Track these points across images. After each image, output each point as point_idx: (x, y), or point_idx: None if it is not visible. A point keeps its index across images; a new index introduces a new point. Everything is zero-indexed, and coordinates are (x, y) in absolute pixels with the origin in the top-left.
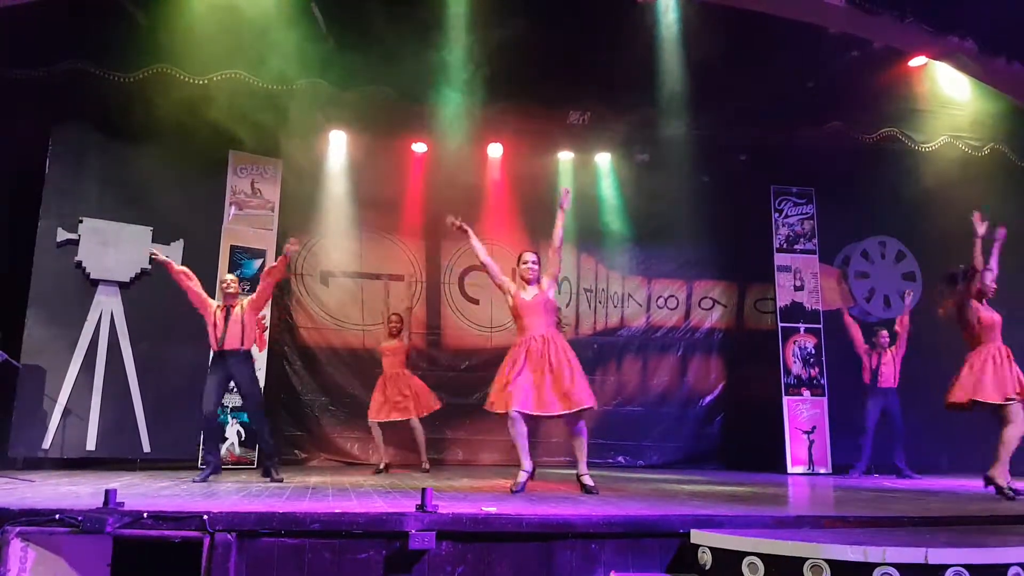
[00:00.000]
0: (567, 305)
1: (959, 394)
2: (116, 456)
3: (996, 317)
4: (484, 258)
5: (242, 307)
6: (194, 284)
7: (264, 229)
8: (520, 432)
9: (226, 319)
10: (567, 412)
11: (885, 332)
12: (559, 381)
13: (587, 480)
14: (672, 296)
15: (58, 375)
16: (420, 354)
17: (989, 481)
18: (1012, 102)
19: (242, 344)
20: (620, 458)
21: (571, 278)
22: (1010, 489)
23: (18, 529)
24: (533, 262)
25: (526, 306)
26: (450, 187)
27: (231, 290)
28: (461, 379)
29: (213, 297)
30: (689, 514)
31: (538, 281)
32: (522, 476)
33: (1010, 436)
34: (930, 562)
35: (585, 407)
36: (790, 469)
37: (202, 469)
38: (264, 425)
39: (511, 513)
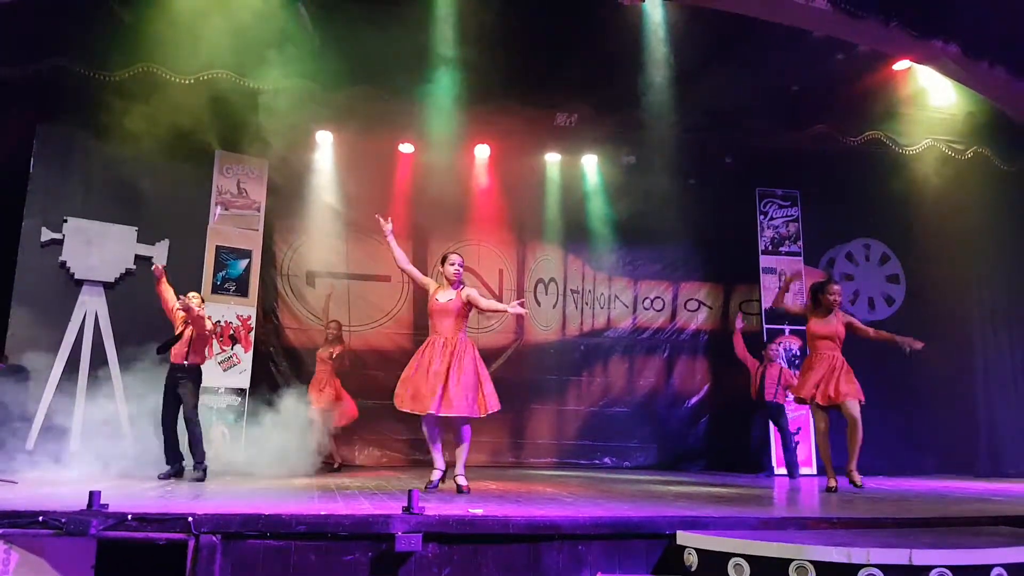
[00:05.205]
0: (554, 306)
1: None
2: (100, 457)
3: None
4: (405, 265)
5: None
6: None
7: (250, 229)
8: (431, 434)
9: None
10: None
11: None
12: (454, 383)
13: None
14: (658, 297)
15: (41, 375)
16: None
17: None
18: (994, 106)
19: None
20: (606, 459)
21: (558, 279)
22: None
23: (0, 531)
24: (460, 264)
25: (438, 308)
26: (437, 188)
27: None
28: None
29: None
30: (675, 515)
31: (460, 285)
32: (435, 475)
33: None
34: (914, 563)
35: (459, 415)
36: (775, 471)
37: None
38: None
39: (498, 515)
